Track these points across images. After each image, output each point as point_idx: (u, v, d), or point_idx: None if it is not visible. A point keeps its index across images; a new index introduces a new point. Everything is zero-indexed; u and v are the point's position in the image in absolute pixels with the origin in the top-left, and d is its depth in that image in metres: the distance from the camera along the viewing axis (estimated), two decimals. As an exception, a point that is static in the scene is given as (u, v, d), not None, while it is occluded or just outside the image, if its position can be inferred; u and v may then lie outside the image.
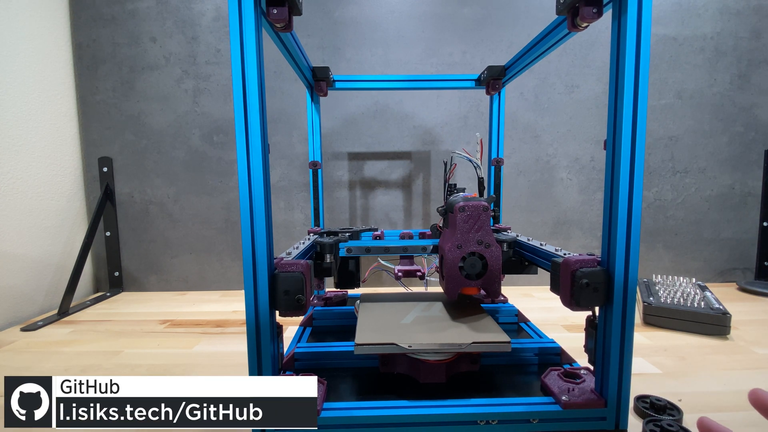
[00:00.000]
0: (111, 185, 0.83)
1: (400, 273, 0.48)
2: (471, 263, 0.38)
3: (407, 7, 0.83)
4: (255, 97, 0.27)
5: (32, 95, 0.72)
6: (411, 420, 0.28)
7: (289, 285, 0.28)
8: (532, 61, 0.51)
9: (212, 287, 0.85)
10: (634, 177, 0.26)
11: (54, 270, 0.76)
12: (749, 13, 0.82)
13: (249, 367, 0.27)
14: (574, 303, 0.28)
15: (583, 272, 0.27)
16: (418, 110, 0.84)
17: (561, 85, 0.83)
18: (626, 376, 0.27)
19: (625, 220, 0.26)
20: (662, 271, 0.79)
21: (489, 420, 0.27)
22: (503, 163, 0.64)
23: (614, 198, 0.26)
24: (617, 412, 0.27)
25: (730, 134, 0.84)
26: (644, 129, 0.25)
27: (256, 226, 0.27)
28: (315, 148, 0.66)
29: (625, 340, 0.27)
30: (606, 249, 0.27)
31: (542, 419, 0.27)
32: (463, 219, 0.39)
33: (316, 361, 0.40)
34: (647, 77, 0.25)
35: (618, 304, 0.26)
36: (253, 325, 0.27)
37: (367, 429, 0.27)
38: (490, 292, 0.39)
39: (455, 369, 0.37)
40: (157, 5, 0.82)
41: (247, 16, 0.27)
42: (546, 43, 0.44)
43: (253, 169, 0.28)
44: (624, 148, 0.25)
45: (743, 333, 0.54)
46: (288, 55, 0.48)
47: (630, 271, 0.26)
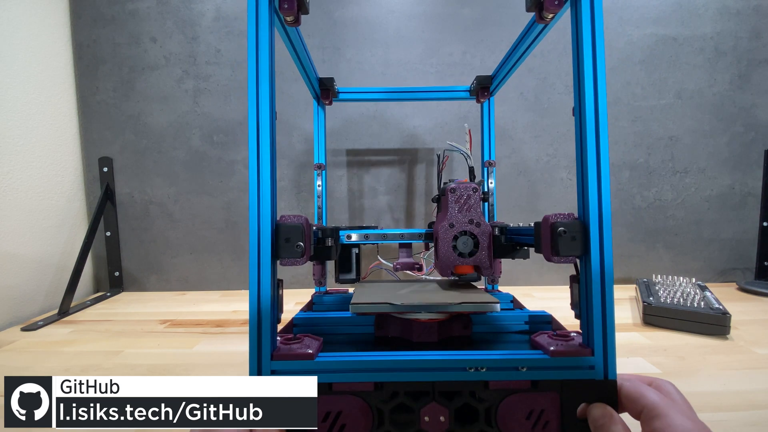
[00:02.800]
0: (111, 185, 0.83)
1: (398, 266, 0.49)
2: (463, 241, 0.41)
3: (407, 7, 0.83)
4: (266, 64, 0.29)
5: (32, 95, 0.72)
6: (401, 366, 0.28)
7: (290, 233, 0.29)
8: (514, 65, 0.53)
9: (212, 287, 0.85)
10: (600, 138, 0.29)
11: (54, 270, 0.76)
12: (749, 13, 0.82)
13: (250, 324, 0.28)
14: (554, 253, 0.30)
15: (561, 223, 0.29)
16: (418, 110, 0.84)
17: (561, 85, 0.83)
18: (610, 326, 0.28)
19: (595, 177, 0.28)
20: (662, 271, 0.79)
21: (478, 367, 0.28)
22: (495, 165, 0.66)
23: (584, 157, 0.29)
24: (605, 361, 0.28)
25: (730, 134, 0.84)
26: (605, 93, 0.29)
27: (262, 181, 0.29)
28: (320, 152, 0.67)
29: (605, 288, 0.28)
30: (581, 204, 0.30)
31: (530, 367, 0.28)
32: (454, 199, 0.41)
33: (313, 327, 0.41)
34: (602, 45, 0.29)
35: (596, 252, 0.28)
36: (255, 277, 0.28)
37: (359, 374, 0.28)
38: (483, 270, 0.41)
39: (448, 332, 0.39)
40: (157, 5, 0.82)
41: (262, 8, 0.29)
42: (524, 45, 0.46)
43: (262, 123, 0.29)
44: (588, 111, 0.29)
45: (743, 333, 0.54)
46: (295, 56, 0.48)
47: (604, 223, 0.28)
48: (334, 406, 0.28)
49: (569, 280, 0.32)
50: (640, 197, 0.85)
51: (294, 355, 0.28)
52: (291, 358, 0.28)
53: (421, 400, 0.28)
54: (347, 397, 0.28)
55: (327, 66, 0.82)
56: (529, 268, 0.85)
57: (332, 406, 0.28)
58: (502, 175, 0.83)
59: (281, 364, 0.28)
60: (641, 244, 0.85)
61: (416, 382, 0.28)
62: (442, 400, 0.28)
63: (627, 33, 0.83)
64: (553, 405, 0.28)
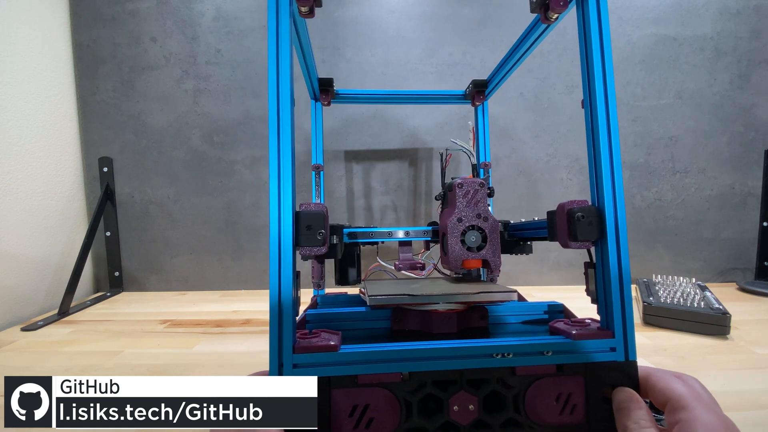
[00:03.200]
0: (111, 185, 0.83)
1: (400, 265, 0.49)
2: (471, 236, 0.41)
3: (407, 7, 0.83)
4: (286, 48, 0.30)
5: (32, 95, 0.72)
6: (428, 355, 0.28)
7: (311, 220, 0.29)
8: (512, 66, 0.54)
9: (212, 287, 0.85)
10: (611, 128, 0.30)
11: (54, 270, 0.76)
12: (749, 13, 0.82)
13: (270, 315, 0.27)
14: (572, 239, 0.31)
15: (578, 209, 0.30)
16: (418, 110, 0.84)
17: (561, 85, 0.83)
18: (628, 308, 0.29)
19: (609, 165, 0.30)
20: (662, 271, 0.79)
21: (504, 353, 0.28)
22: (491, 167, 0.67)
23: (596, 147, 0.30)
24: (625, 342, 0.28)
25: (730, 134, 0.84)
26: (613, 85, 0.30)
27: (282, 167, 0.28)
28: (318, 152, 0.67)
29: (622, 271, 0.29)
30: (594, 191, 0.31)
31: (555, 351, 0.28)
32: (462, 194, 0.42)
33: (327, 323, 0.40)
34: (609, 38, 0.31)
35: (611, 236, 0.29)
36: (276, 264, 0.28)
37: (386, 364, 0.28)
38: (491, 264, 0.41)
39: (466, 322, 0.39)
40: (157, 5, 0.82)
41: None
42: (524, 46, 0.46)
43: (282, 104, 0.29)
44: (599, 102, 0.30)
45: (743, 333, 0.54)
46: (300, 52, 0.48)
47: (618, 208, 0.29)
48: (361, 399, 0.27)
49: (584, 266, 0.33)
50: (640, 197, 0.85)
51: (317, 347, 0.28)
52: (314, 350, 0.27)
53: (449, 390, 0.28)
54: (374, 389, 0.27)
55: (327, 66, 0.82)
56: (530, 269, 0.85)
57: (359, 400, 0.27)
58: (502, 175, 0.83)
59: (304, 358, 0.27)
60: (641, 244, 0.85)
61: (444, 371, 0.28)
62: (470, 389, 0.28)
63: (627, 33, 0.83)
64: (579, 388, 0.28)
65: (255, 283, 0.85)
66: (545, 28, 0.42)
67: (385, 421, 0.27)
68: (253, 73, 0.83)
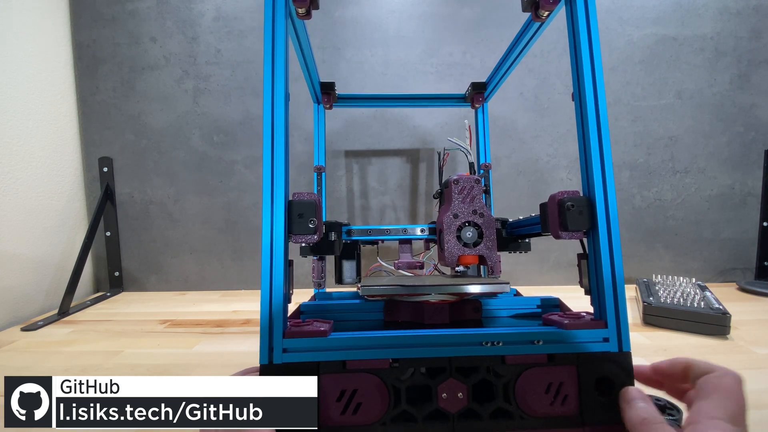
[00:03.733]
0: (111, 185, 0.83)
1: (399, 265, 0.49)
2: (467, 231, 0.41)
3: (407, 7, 0.83)
4: (281, 45, 0.30)
5: (32, 95, 0.72)
6: (417, 342, 0.28)
7: (303, 209, 0.30)
8: (509, 67, 0.54)
9: (212, 287, 0.85)
10: (600, 119, 0.30)
11: (54, 270, 0.76)
12: (749, 13, 0.82)
13: (261, 300, 0.28)
14: (563, 229, 0.31)
15: (568, 198, 0.30)
16: (418, 110, 0.84)
17: (561, 85, 0.83)
18: (621, 299, 0.29)
19: (598, 156, 0.30)
20: (662, 271, 0.79)
21: (494, 342, 0.28)
22: (491, 168, 0.67)
23: (586, 139, 0.30)
24: (618, 333, 0.28)
25: (730, 134, 0.84)
26: (602, 78, 0.31)
27: (276, 156, 0.29)
28: (320, 154, 0.68)
29: (614, 261, 0.29)
30: (585, 182, 0.31)
31: (546, 341, 0.28)
32: (458, 191, 0.42)
33: (321, 314, 0.41)
34: (597, 33, 0.32)
35: (603, 226, 0.29)
36: (268, 251, 0.28)
37: (374, 350, 0.28)
38: (488, 259, 0.41)
39: (459, 314, 0.39)
40: (157, 5, 0.82)
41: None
42: (520, 45, 0.46)
43: (277, 97, 0.30)
44: (588, 95, 0.31)
45: (743, 333, 0.54)
46: (300, 53, 0.48)
47: (609, 198, 0.29)
48: (349, 384, 0.27)
49: (577, 258, 0.32)
50: (640, 197, 0.85)
51: (307, 332, 0.28)
52: (304, 335, 0.28)
53: (438, 377, 0.28)
54: (362, 375, 0.27)
55: (327, 66, 0.82)
56: (530, 268, 0.85)
57: (347, 384, 0.27)
58: (502, 175, 0.83)
59: (294, 342, 0.27)
60: (641, 244, 0.85)
61: (433, 358, 0.28)
62: (460, 377, 0.28)
63: (627, 33, 0.83)
64: (571, 379, 0.28)
65: (255, 283, 0.85)
66: (539, 27, 0.42)
67: (373, 406, 0.27)
68: (253, 73, 0.83)
